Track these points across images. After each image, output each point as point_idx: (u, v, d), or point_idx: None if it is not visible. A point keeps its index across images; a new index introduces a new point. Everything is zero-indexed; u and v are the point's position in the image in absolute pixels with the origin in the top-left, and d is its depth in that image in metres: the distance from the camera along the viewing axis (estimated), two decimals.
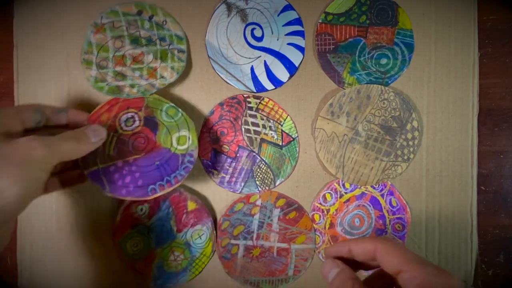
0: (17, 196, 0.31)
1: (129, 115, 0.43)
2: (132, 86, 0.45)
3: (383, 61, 0.46)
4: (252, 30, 0.46)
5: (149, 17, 0.45)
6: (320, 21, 0.46)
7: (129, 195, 0.41)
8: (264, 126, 0.46)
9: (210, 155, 0.46)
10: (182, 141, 0.43)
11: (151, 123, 0.43)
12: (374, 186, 0.46)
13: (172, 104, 0.44)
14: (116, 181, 0.41)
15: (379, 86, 0.45)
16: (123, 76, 0.45)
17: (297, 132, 0.46)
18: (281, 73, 0.46)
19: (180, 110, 0.43)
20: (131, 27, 0.45)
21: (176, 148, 0.43)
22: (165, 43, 0.45)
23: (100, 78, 0.45)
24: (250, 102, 0.46)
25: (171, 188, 0.42)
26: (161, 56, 0.45)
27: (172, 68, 0.45)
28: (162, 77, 0.45)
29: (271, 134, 0.46)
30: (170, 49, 0.45)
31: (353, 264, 0.32)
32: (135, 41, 0.45)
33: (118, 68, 0.45)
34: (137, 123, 0.43)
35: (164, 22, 0.45)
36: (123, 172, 0.41)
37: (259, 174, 0.46)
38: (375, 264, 0.32)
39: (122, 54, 0.45)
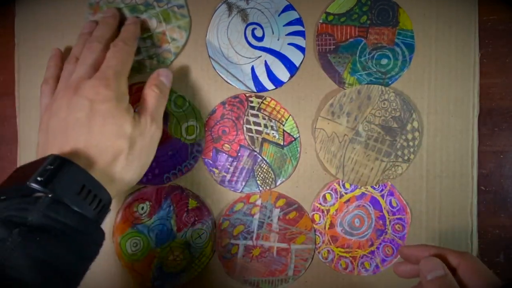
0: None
1: None
2: (150, 57, 0.45)
3: (384, 61, 0.46)
4: (253, 30, 0.46)
5: None
6: (321, 21, 0.46)
7: (149, 183, 0.45)
8: (265, 126, 0.46)
9: (211, 154, 0.46)
10: (191, 131, 0.45)
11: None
12: (374, 186, 0.46)
13: (180, 94, 0.45)
14: None
15: (380, 86, 0.45)
16: (137, 49, 0.44)
17: (298, 132, 0.46)
18: (282, 73, 0.46)
19: (187, 99, 0.45)
20: None
21: (185, 138, 0.45)
22: (163, 3, 0.45)
23: None
24: (252, 102, 0.46)
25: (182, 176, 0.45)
26: (164, 18, 0.45)
27: (179, 27, 0.45)
28: (173, 39, 0.45)
29: (273, 133, 0.46)
30: (170, 7, 0.45)
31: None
32: (134, 9, 0.45)
33: None
34: None
35: None
36: None
37: (260, 173, 0.46)
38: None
39: None
